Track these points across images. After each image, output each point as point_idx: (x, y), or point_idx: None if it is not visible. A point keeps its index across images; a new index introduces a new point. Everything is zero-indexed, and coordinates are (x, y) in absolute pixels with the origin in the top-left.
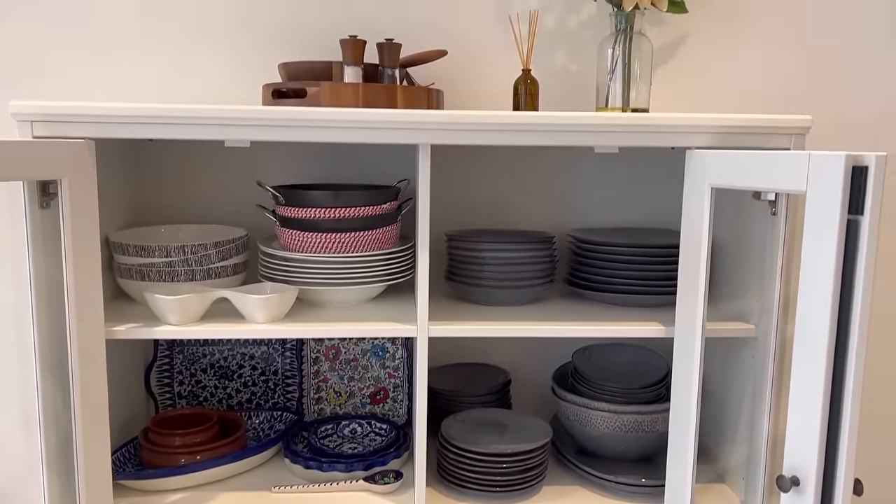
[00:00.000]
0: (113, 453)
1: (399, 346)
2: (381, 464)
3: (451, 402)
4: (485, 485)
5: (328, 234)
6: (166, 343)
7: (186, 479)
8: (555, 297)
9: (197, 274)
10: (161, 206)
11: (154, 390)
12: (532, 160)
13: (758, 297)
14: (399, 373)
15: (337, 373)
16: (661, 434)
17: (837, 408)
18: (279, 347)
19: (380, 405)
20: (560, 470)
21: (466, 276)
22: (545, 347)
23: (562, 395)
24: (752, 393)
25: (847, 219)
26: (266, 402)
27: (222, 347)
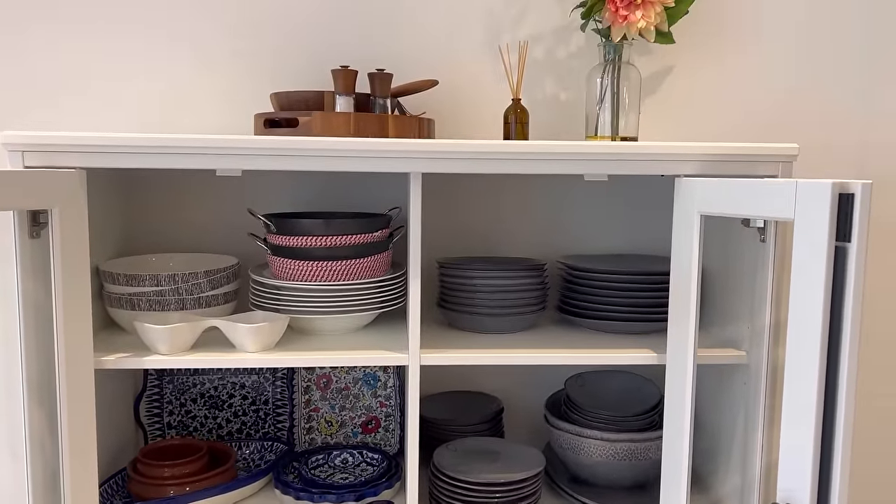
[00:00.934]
0: (101, 485)
1: (391, 375)
2: (373, 494)
3: (444, 430)
4: None
5: (319, 262)
6: (156, 373)
7: None
8: (547, 324)
9: (187, 303)
10: (152, 235)
11: (143, 420)
12: (523, 188)
13: (749, 324)
14: (391, 402)
15: (328, 402)
16: (655, 462)
17: (830, 432)
18: (270, 377)
19: (371, 434)
20: (553, 498)
21: (458, 303)
22: (537, 375)
23: (554, 423)
24: (745, 419)
25: (835, 245)
26: (256, 432)
27: (212, 377)
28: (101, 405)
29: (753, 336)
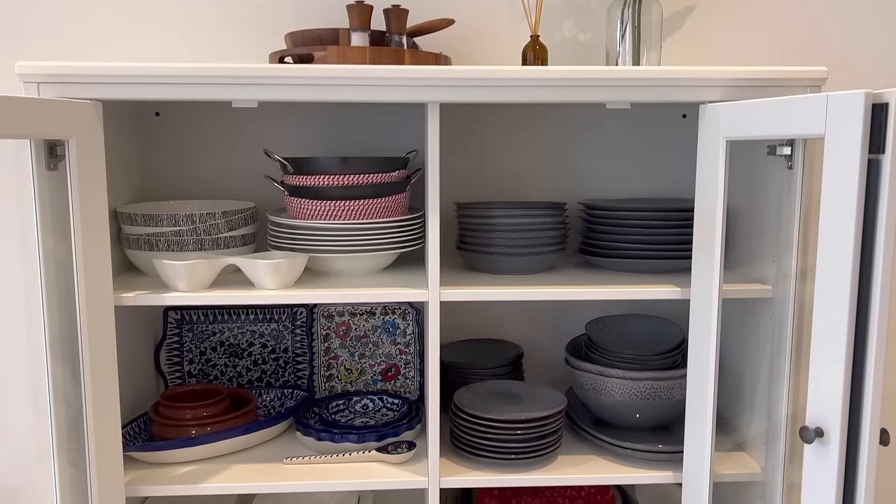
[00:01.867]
0: (123, 428)
1: (410, 322)
2: (394, 435)
3: (464, 374)
4: (499, 452)
5: (337, 201)
6: (175, 321)
7: (197, 451)
8: (567, 266)
9: (206, 244)
10: (169, 182)
11: (164, 369)
12: (543, 130)
13: (775, 259)
14: (410, 349)
15: (348, 350)
16: (678, 402)
17: (861, 355)
18: (289, 325)
19: (391, 382)
20: (575, 441)
21: (477, 244)
22: (558, 320)
23: (576, 364)
24: (771, 358)
25: (868, 158)
26: (276, 381)
27: (232, 325)
28: (121, 353)
29: (780, 271)
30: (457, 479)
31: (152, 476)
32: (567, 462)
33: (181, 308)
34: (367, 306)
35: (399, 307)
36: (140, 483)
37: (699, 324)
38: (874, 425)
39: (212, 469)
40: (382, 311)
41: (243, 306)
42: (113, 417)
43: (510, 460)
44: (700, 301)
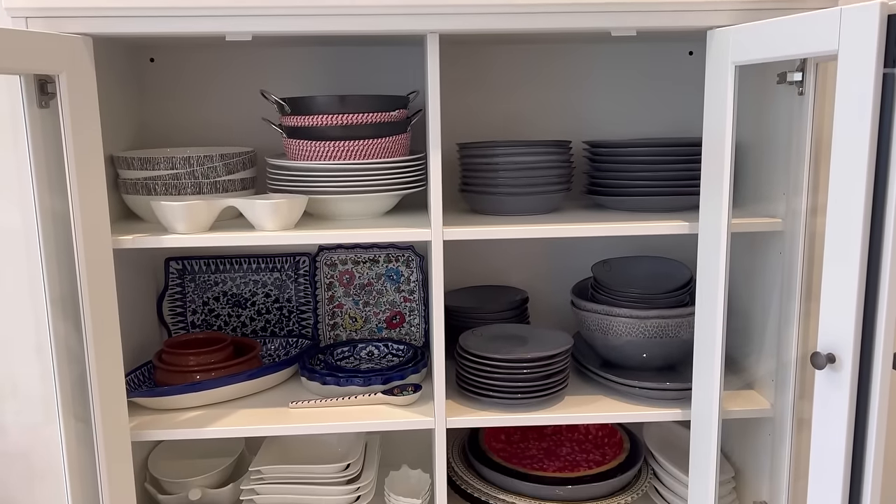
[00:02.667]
0: (127, 375)
1: (414, 269)
2: (400, 378)
3: (468, 319)
4: (505, 393)
5: (336, 142)
6: (177, 271)
7: (201, 396)
8: (573, 208)
9: (204, 187)
10: (166, 130)
11: (167, 320)
12: (546, 70)
13: (785, 192)
14: (415, 296)
15: (352, 298)
16: (685, 342)
17: (875, 277)
18: (292, 274)
19: (396, 329)
20: (582, 382)
21: (480, 184)
22: (563, 266)
23: (582, 306)
24: (781, 295)
25: (883, 73)
26: (281, 331)
27: (234, 275)
28: (123, 305)
29: (790, 203)
30: (463, 419)
31: (157, 421)
32: (574, 402)
33: (182, 258)
34: (371, 254)
35: (402, 254)
36: (145, 428)
37: (707, 258)
38: (887, 349)
39: (217, 414)
40: (386, 258)
41: (245, 255)
42: (115, 363)
43: (516, 400)
44: (708, 235)
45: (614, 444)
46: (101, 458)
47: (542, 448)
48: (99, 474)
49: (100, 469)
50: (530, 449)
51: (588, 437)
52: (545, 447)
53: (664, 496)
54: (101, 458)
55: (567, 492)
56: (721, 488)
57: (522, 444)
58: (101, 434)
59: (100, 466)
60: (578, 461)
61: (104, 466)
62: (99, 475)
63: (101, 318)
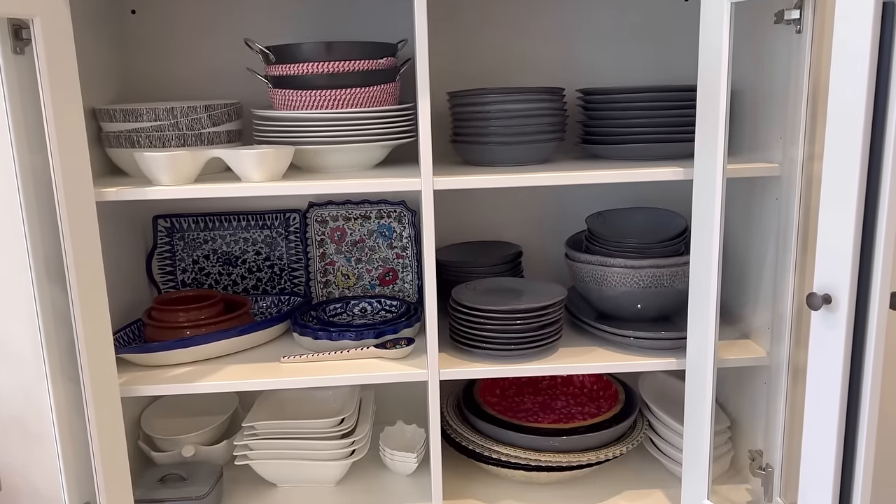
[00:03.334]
0: (116, 333)
1: (406, 225)
2: (392, 332)
3: (462, 274)
4: (499, 344)
5: (322, 90)
6: (165, 229)
7: (191, 352)
8: (566, 158)
9: (189, 139)
10: (149, 84)
11: (156, 278)
12: (538, 18)
13: (781, 136)
14: (407, 253)
15: (343, 255)
16: (680, 292)
17: (872, 217)
18: (282, 231)
19: (389, 287)
20: (577, 334)
21: (472, 134)
22: (557, 220)
23: (576, 257)
24: (777, 239)
25: (883, 1)
26: (273, 288)
27: (224, 232)
28: (111, 263)
29: (786, 147)
30: (456, 371)
31: (148, 377)
32: (568, 353)
33: (171, 215)
34: (362, 210)
35: (394, 210)
36: (135, 383)
37: (703, 205)
38: (884, 288)
39: (207, 369)
40: (377, 214)
41: (234, 213)
42: (102, 319)
43: (510, 352)
44: (703, 180)
45: (609, 396)
46: (90, 416)
47: (537, 402)
48: (89, 432)
49: (90, 427)
50: (525, 403)
51: (583, 390)
52: (540, 401)
53: (659, 447)
54: (91, 416)
55: (561, 443)
56: (716, 438)
57: (517, 399)
58: (89, 392)
59: (90, 424)
60: (573, 414)
61: (94, 424)
62: (89, 433)
63: (86, 275)
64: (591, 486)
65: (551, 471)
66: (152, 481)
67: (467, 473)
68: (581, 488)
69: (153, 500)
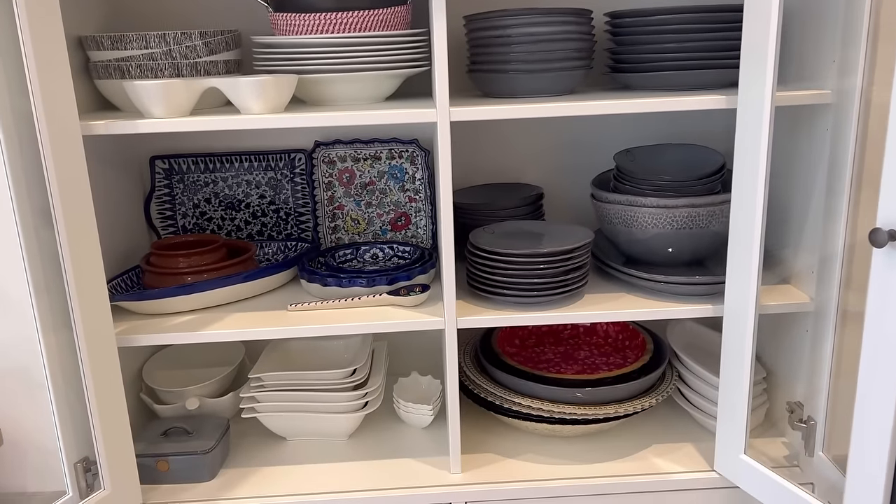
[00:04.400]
0: (112, 279)
1: (419, 166)
2: (406, 279)
3: (479, 217)
4: (520, 290)
5: (327, 13)
6: (164, 171)
7: (193, 299)
8: (593, 90)
9: (183, 69)
10: (141, 13)
11: (155, 223)
12: None
13: (834, 59)
14: (420, 196)
15: (353, 199)
16: (716, 234)
17: None
18: (287, 173)
19: (401, 232)
20: (603, 280)
21: (491, 62)
22: (580, 160)
23: (603, 197)
24: (828, 174)
25: None
26: (279, 234)
27: (225, 174)
28: (107, 207)
29: (841, 73)
30: (475, 319)
31: (146, 326)
32: (594, 300)
33: (168, 156)
34: (372, 150)
35: (406, 149)
36: (133, 333)
37: (747, 136)
38: None
39: (210, 318)
40: (388, 154)
41: (236, 153)
42: (94, 264)
43: (532, 298)
44: (749, 109)
45: (636, 346)
46: (85, 366)
47: (559, 352)
48: (84, 383)
49: (85, 377)
50: (546, 353)
51: (608, 339)
52: (562, 351)
53: (689, 398)
54: (86, 366)
55: (587, 394)
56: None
57: (538, 349)
58: (83, 340)
59: (84, 374)
60: (598, 364)
61: (89, 375)
62: (84, 384)
63: (75, 216)
64: (616, 439)
65: (576, 424)
66: (155, 435)
67: (485, 426)
68: (605, 441)
69: (156, 454)
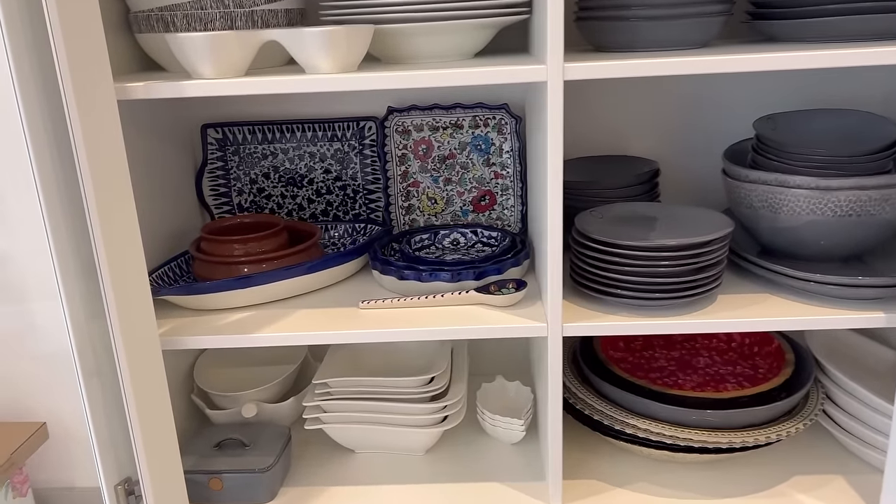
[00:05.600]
0: (157, 270)
1: (508, 136)
2: (496, 272)
3: (582, 197)
4: (640, 290)
5: None
6: (216, 141)
7: (250, 293)
8: (730, 43)
9: (237, 19)
10: None
11: (208, 201)
12: None
13: None
14: (508, 171)
15: (430, 174)
16: (886, 223)
17: None
18: (356, 144)
19: (485, 213)
20: (737, 276)
21: (606, 7)
22: (703, 129)
23: (742, 175)
24: None
25: None
26: (345, 215)
27: (286, 146)
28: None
29: None
30: (585, 326)
31: (196, 325)
32: (731, 303)
33: (222, 124)
34: (453, 116)
35: (493, 116)
36: (180, 333)
37: None
38: None
39: (269, 315)
40: (472, 122)
41: (298, 121)
42: (134, 252)
43: (655, 300)
44: None
45: (768, 354)
46: (124, 376)
47: (673, 358)
48: (124, 394)
49: (124, 387)
50: (657, 359)
51: (731, 345)
52: (676, 357)
53: (839, 421)
54: (125, 375)
55: (718, 418)
56: None
57: (646, 353)
58: (121, 343)
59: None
60: (723, 376)
61: (129, 385)
62: (124, 396)
63: (108, 196)
64: (746, 467)
65: (704, 453)
66: (207, 447)
67: (586, 444)
68: (734, 470)
69: (209, 471)
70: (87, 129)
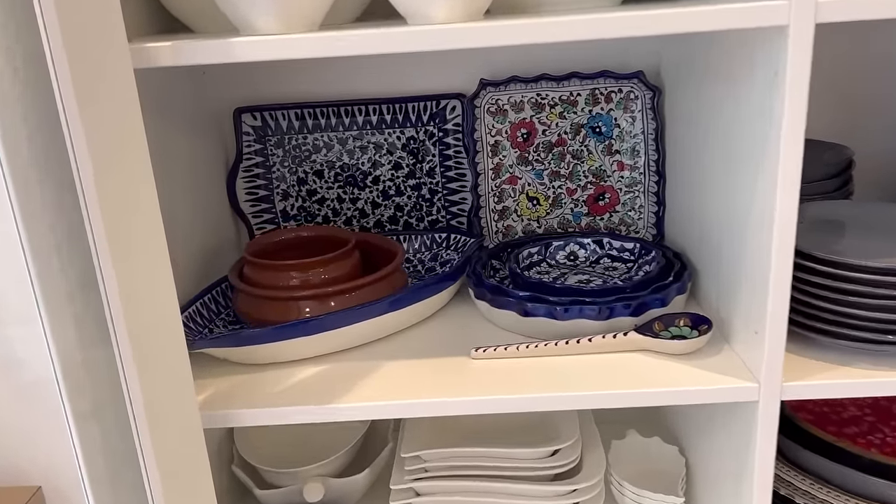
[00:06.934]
0: (189, 306)
1: (638, 115)
2: (660, 303)
3: None
4: (872, 331)
5: None
6: (254, 129)
7: (317, 342)
8: None
9: None
10: None
11: (244, 208)
12: None
13: None
14: (639, 161)
15: (531, 166)
16: None
17: None
18: (434, 131)
19: (604, 216)
20: None
21: None
22: None
23: None
24: None
25: None
26: (419, 222)
27: (344, 134)
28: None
29: None
30: (815, 386)
31: (246, 390)
32: None
33: (261, 108)
34: (566, 90)
35: (619, 90)
36: (225, 406)
37: None
38: None
39: (345, 372)
40: (590, 98)
41: (357, 101)
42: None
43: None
44: None
45: None
46: (149, 473)
47: (867, 404)
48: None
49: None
50: (847, 409)
51: None
52: (869, 403)
53: None
54: (151, 473)
55: None
56: None
57: (831, 402)
58: (144, 424)
59: (149, 481)
60: None
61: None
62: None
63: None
64: None
65: None
66: None
67: None
68: None
69: None
70: (89, 116)
